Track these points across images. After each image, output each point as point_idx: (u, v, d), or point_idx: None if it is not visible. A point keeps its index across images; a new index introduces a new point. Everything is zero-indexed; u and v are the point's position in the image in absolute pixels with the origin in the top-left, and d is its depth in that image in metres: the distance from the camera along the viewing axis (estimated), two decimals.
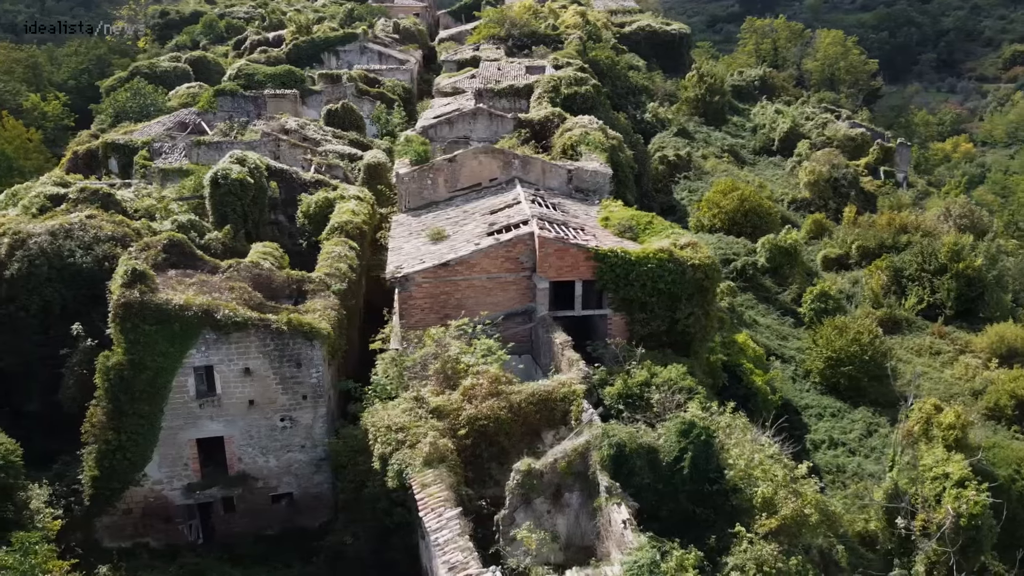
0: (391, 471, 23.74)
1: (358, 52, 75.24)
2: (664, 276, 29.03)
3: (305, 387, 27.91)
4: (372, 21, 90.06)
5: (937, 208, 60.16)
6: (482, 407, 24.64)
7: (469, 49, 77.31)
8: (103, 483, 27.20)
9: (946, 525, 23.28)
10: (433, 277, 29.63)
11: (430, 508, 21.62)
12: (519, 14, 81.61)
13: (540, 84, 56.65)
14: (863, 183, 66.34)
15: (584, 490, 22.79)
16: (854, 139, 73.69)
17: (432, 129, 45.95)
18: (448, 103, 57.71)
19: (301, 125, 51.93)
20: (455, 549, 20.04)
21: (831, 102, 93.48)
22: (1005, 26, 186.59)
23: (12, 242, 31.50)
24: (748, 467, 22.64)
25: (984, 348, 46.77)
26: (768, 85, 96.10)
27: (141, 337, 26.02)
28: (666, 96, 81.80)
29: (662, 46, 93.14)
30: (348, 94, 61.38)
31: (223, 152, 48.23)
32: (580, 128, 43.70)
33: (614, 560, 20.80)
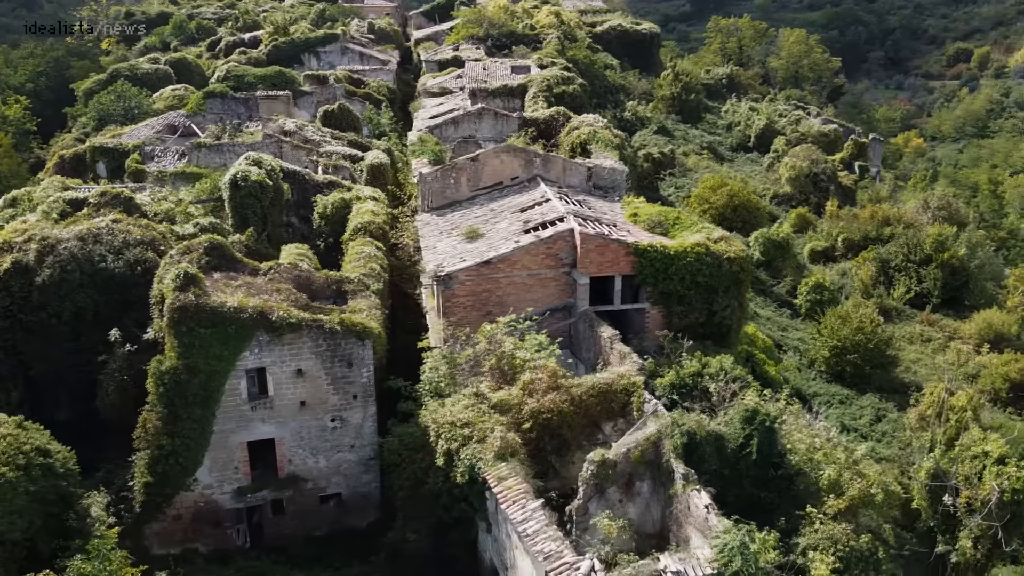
0: (461, 466, 24.06)
1: (339, 53, 74.85)
2: (702, 269, 29.89)
3: (356, 387, 28.02)
4: (346, 22, 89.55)
5: (915, 200, 62.33)
6: (544, 401, 25.12)
7: (449, 49, 77.55)
8: (156, 489, 26.97)
9: (992, 500, 24.54)
10: (475, 275, 30.02)
11: (511, 500, 22.03)
12: (495, 14, 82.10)
13: (534, 84, 57.30)
14: (840, 177, 68.33)
15: (655, 478, 23.43)
16: (827, 135, 75.81)
17: (438, 129, 46.20)
18: (441, 103, 58.04)
19: (300, 126, 51.66)
20: (547, 539, 20.49)
21: (797, 99, 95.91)
22: (947, 24, 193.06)
23: (41, 248, 30.99)
24: (809, 451, 23.53)
25: (973, 334, 48.75)
26: (735, 83, 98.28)
27: (196, 340, 25.86)
28: (643, 95, 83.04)
29: (633, 45, 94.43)
30: (338, 95, 61.13)
31: (224, 155, 48.02)
32: (587, 126, 44.41)
33: (694, 544, 21.50)
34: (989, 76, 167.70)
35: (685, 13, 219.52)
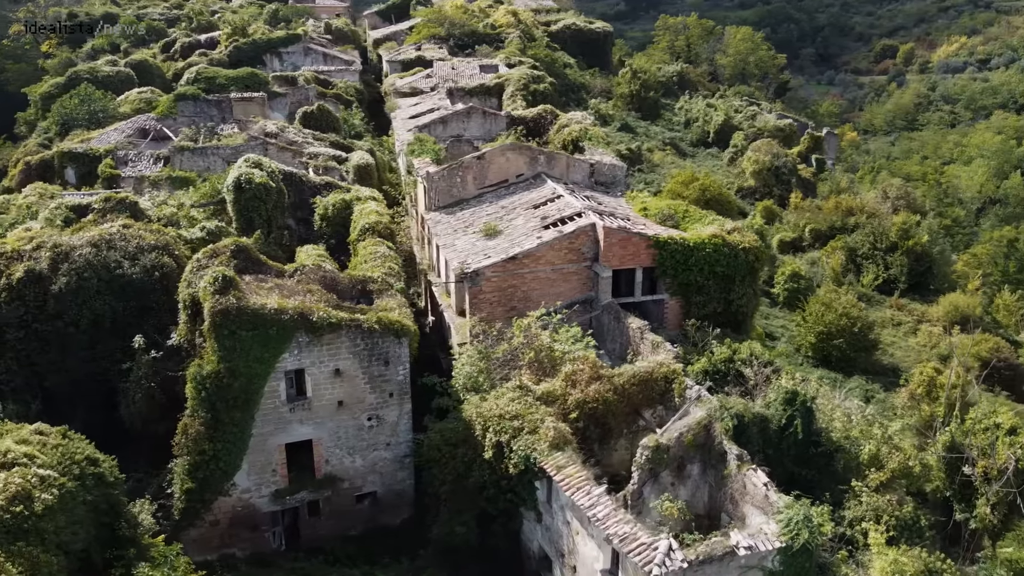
0: (515, 457, 24.54)
1: (302, 53, 74.08)
2: (720, 260, 31.00)
3: (392, 385, 28.22)
4: (300, 22, 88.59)
5: (875, 191, 65.03)
6: (588, 391, 25.81)
7: (412, 49, 77.48)
8: (196, 495, 26.74)
9: (1010, 469, 26.18)
10: (501, 271, 30.52)
11: (575, 487, 22.63)
12: (455, 14, 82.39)
13: (511, 83, 57.92)
14: (800, 170, 70.75)
15: (705, 461, 24.35)
16: (783, 129, 78.29)
17: (427, 128, 46.37)
18: (417, 103, 58.10)
19: (281, 128, 51.17)
20: (619, 521, 21.16)
21: (747, 95, 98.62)
22: (873, 22, 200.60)
23: (54, 256, 30.28)
24: (846, 428, 24.77)
25: (940, 317, 51.28)
26: (686, 80, 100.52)
27: (237, 344, 25.72)
28: (602, 92, 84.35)
29: (587, 44, 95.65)
30: (310, 96, 60.61)
31: (207, 158, 47.36)
32: (577, 124, 45.22)
33: (753, 521, 22.46)
34: (915, 71, 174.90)
35: (620, 12, 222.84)
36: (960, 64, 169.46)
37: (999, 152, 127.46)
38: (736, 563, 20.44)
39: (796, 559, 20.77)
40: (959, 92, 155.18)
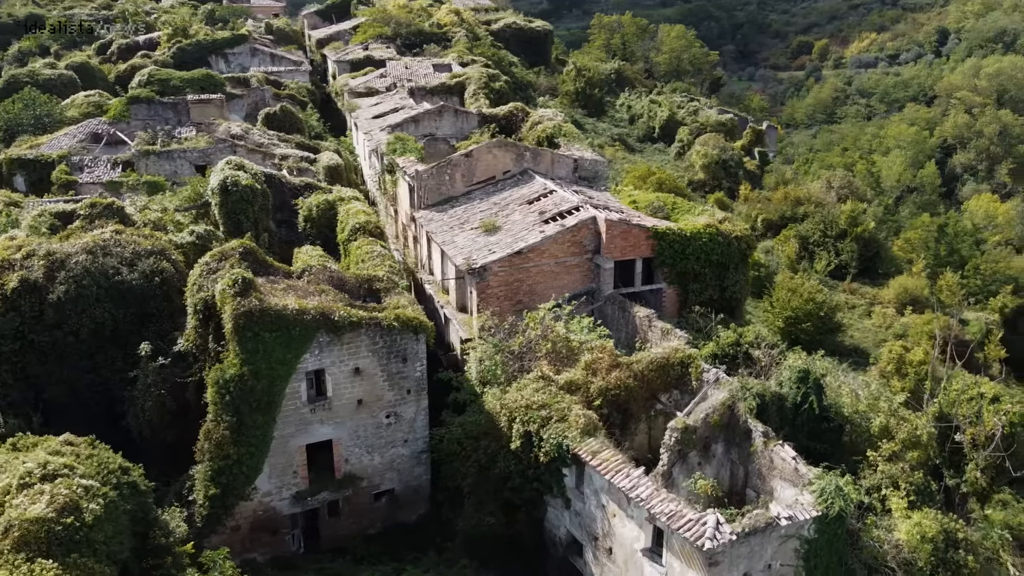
0: (546, 445, 25.10)
1: (248, 54, 72.74)
2: (715, 248, 32.23)
3: (410, 381, 28.43)
4: (238, 22, 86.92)
5: (819, 181, 67.88)
6: (609, 378, 26.59)
7: (359, 49, 76.97)
8: (219, 500, 26.44)
9: (997, 434, 28.10)
10: (508, 265, 31.03)
11: (614, 470, 23.36)
12: (399, 13, 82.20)
13: (472, 81, 58.29)
14: (745, 163, 73.25)
15: (728, 440, 25.42)
16: (724, 124, 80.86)
17: (399, 127, 46.40)
18: (378, 103, 57.94)
19: (245, 130, 50.38)
20: (664, 500, 21.98)
21: (683, 91, 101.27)
22: (789, 19, 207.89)
23: (49, 264, 29.37)
24: (854, 403, 26.22)
25: (892, 299, 54.16)
26: (623, 78, 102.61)
27: (260, 346, 25.55)
28: (548, 90, 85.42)
29: (528, 42, 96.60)
30: (267, 97, 59.72)
31: (175, 161, 46.45)
32: (549, 120, 45.99)
33: (782, 494, 23.63)
34: (830, 67, 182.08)
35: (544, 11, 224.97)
36: (872, 59, 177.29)
37: (914, 143, 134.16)
38: (777, 533, 21.52)
39: (830, 526, 22.00)
40: (873, 86, 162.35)
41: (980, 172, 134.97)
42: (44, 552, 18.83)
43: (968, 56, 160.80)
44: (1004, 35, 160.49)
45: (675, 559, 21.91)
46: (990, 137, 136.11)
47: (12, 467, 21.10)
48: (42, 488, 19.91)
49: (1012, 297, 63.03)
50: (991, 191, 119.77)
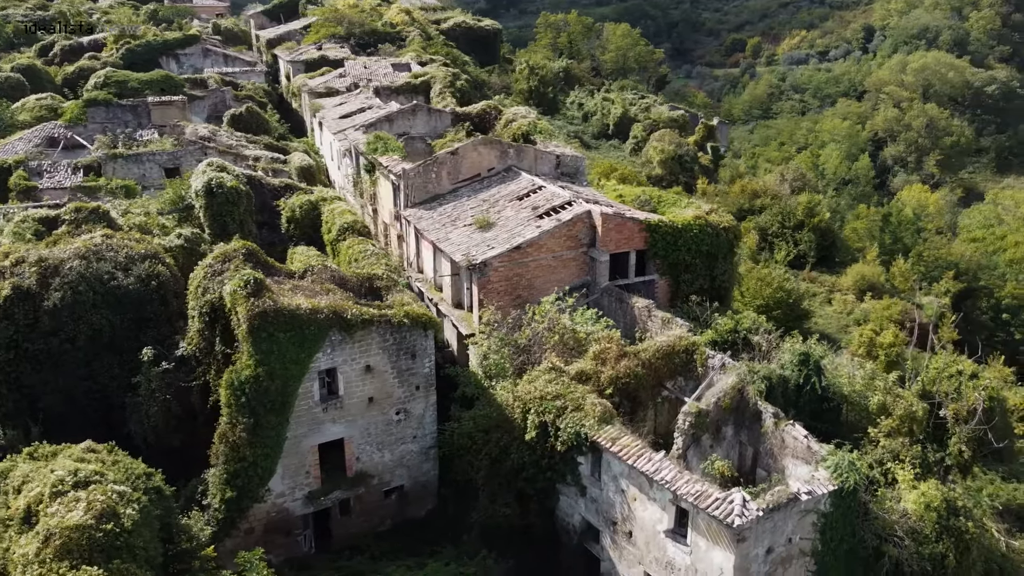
0: (564, 434, 25.63)
1: (200, 55, 71.37)
2: (705, 239, 33.23)
3: (418, 377, 28.62)
4: (184, 22, 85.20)
5: (773, 174, 70.00)
6: (618, 367, 27.28)
7: (312, 49, 76.27)
8: (234, 503, 26.25)
9: (979, 408, 29.71)
10: (508, 261, 31.46)
11: (635, 455, 24.03)
12: (351, 12, 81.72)
13: (438, 80, 58.47)
14: (700, 158, 75.04)
15: (737, 422, 26.36)
16: (676, 120, 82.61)
17: (373, 127, 46.31)
18: (343, 102, 57.66)
19: (212, 132, 49.61)
20: (689, 481, 22.73)
21: (631, 89, 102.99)
22: (721, 17, 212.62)
23: (41, 270, 28.67)
24: (851, 383, 27.47)
25: (850, 286, 56.34)
26: (571, 76, 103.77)
27: (274, 346, 25.46)
28: (502, 88, 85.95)
29: (478, 41, 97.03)
30: (228, 99, 58.81)
31: (143, 164, 45.65)
32: (523, 118, 46.54)
33: (794, 472, 24.66)
34: (763, 64, 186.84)
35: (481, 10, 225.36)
36: (803, 56, 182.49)
37: (848, 136, 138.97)
38: (797, 508, 22.48)
39: (845, 500, 23.08)
40: (806, 82, 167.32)
41: (910, 164, 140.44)
42: (86, 559, 18.62)
43: (894, 52, 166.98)
44: (927, 32, 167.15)
45: (701, 538, 22.68)
46: (918, 130, 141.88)
47: (40, 475, 20.74)
48: (77, 495, 19.63)
49: (954, 282, 66.27)
50: (921, 181, 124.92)
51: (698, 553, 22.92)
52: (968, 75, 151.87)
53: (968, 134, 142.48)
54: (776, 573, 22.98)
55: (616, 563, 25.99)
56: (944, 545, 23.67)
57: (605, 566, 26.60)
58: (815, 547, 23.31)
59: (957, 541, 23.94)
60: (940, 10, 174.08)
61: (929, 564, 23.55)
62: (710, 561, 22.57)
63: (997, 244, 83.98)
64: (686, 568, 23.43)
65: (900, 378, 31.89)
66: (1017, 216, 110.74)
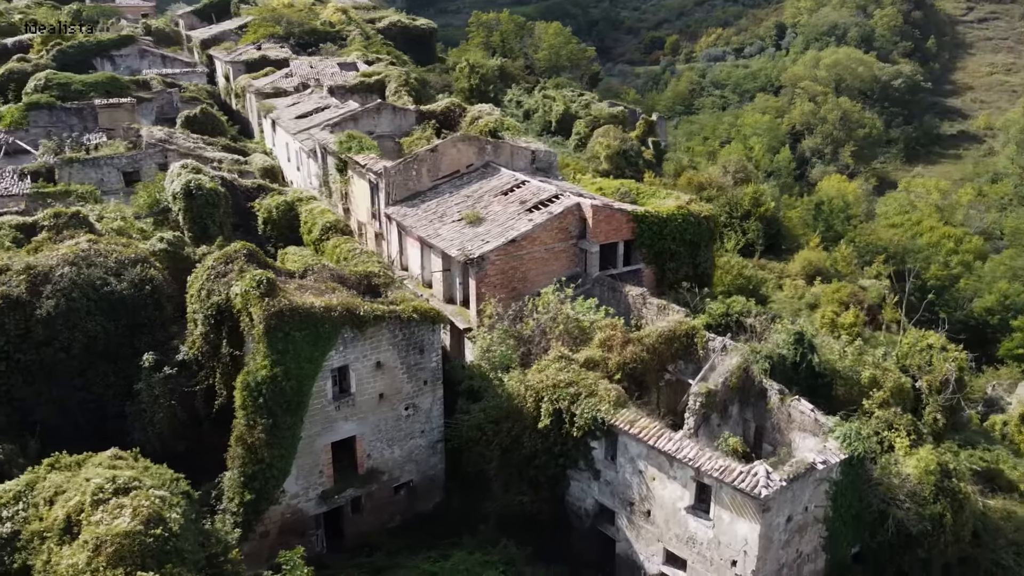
0: (580, 419, 26.27)
1: (137, 56, 69.21)
2: (688, 228, 34.42)
3: (426, 372, 28.84)
4: (109, 23, 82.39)
5: (715, 166, 72.26)
6: (625, 353, 28.12)
7: (252, 49, 74.89)
8: (252, 506, 26.00)
9: (952, 378, 31.74)
10: (504, 254, 31.92)
11: (655, 436, 24.88)
12: (290, 12, 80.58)
13: (392, 79, 58.39)
14: (643, 152, 76.82)
15: (742, 400, 27.52)
16: (616, 116, 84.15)
17: (338, 126, 46.02)
18: (296, 102, 56.99)
19: (169, 134, 48.40)
20: (711, 457, 23.70)
21: (566, 86, 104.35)
22: (640, 16, 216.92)
23: (31, 278, 27.73)
24: (841, 359, 29.00)
25: (798, 272, 58.78)
26: (506, 74, 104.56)
27: (289, 346, 25.32)
28: (443, 87, 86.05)
29: (414, 40, 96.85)
30: (175, 100, 57.33)
31: (101, 169, 44.43)
32: (488, 115, 47.01)
33: (801, 444, 25.95)
34: (682, 61, 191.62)
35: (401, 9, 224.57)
36: (720, 53, 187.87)
37: (769, 130, 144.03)
38: (814, 477, 23.72)
39: (853, 468, 24.47)
40: (725, 78, 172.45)
41: (826, 155, 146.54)
42: (139, 565, 18.37)
43: (806, 49, 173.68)
44: (836, 29, 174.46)
45: (724, 511, 23.69)
46: (833, 123, 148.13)
47: (75, 485, 20.24)
48: (120, 502, 19.30)
49: (884, 265, 69.97)
50: (837, 172, 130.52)
51: (721, 526, 23.92)
52: (876, 70, 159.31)
53: (879, 126, 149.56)
54: (793, 541, 24.19)
55: (633, 542, 26.82)
56: (941, 505, 25.30)
57: (621, 547, 27.40)
58: (827, 514, 24.62)
59: (952, 501, 25.62)
60: (846, 8, 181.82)
61: (929, 524, 25.13)
62: (734, 533, 23.59)
63: (914, 229, 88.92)
64: (708, 541, 24.41)
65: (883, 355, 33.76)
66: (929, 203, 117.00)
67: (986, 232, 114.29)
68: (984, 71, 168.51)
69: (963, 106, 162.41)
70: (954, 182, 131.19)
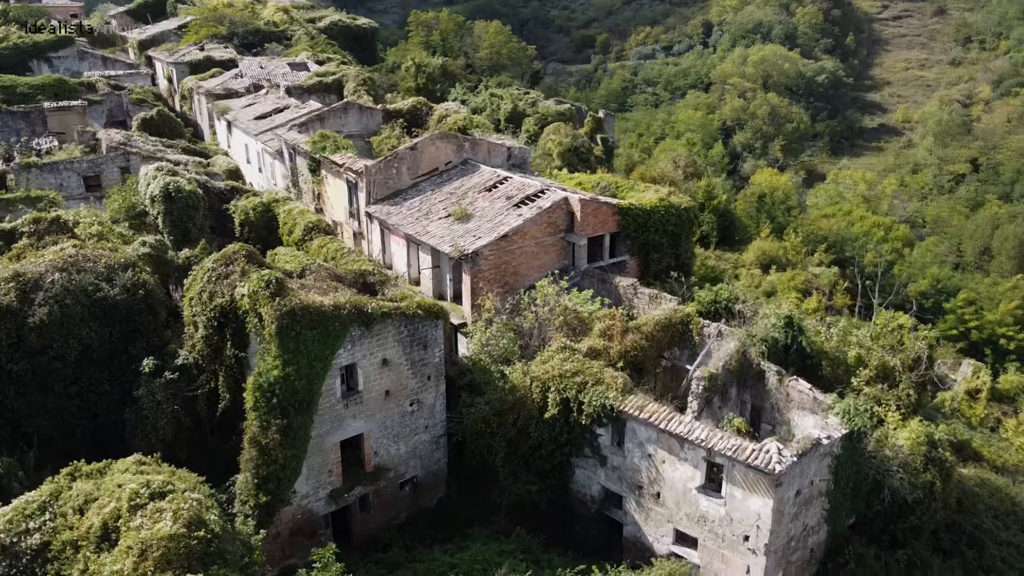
0: (589, 407, 26.86)
1: (76, 58, 66.98)
2: (670, 219, 35.39)
3: (430, 368, 29.04)
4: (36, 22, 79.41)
5: (665, 160, 73.91)
6: (625, 342, 28.86)
7: (195, 50, 73.29)
8: (265, 508, 25.80)
9: (924, 355, 33.46)
10: (497, 250, 32.30)
11: (666, 419, 25.65)
12: (231, 11, 79.11)
13: (350, 78, 58.07)
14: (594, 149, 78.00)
15: (740, 383, 28.54)
16: (564, 114, 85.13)
17: (305, 126, 45.63)
18: (251, 103, 56.20)
19: (127, 137, 47.15)
20: (723, 437, 24.59)
21: (508, 85, 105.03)
22: (569, 15, 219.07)
23: (21, 285, 26.88)
24: (826, 340, 30.35)
25: (753, 261, 60.70)
26: (448, 73, 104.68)
27: (301, 345, 25.22)
28: (390, 87, 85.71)
29: (356, 39, 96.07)
30: (125, 103, 55.77)
31: (60, 174, 43.13)
32: (455, 113, 47.27)
33: (800, 422, 27.11)
34: (613, 59, 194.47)
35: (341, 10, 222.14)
36: (650, 51, 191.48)
37: (702, 126, 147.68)
38: (820, 452, 24.84)
39: (852, 441, 25.69)
40: (657, 76, 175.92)
41: (757, 149, 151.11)
42: (185, 568, 18.24)
43: (733, 46, 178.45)
44: (761, 27, 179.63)
45: (736, 488, 24.61)
46: (762, 118, 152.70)
47: (107, 491, 19.84)
48: (158, 506, 19.07)
49: (826, 254, 72.89)
50: (768, 165, 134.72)
51: (733, 503, 24.83)
52: (801, 66, 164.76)
53: (806, 120, 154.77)
54: (801, 514, 25.29)
55: (642, 525, 27.56)
56: (931, 474, 26.78)
57: (629, 530, 28.12)
58: (829, 487, 25.80)
59: (940, 470, 27.15)
60: (770, 6, 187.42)
61: (921, 492, 26.58)
62: (747, 509, 24.53)
63: (846, 219, 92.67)
64: (720, 519, 25.31)
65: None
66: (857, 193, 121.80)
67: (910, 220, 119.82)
68: (900, 66, 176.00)
69: (882, 100, 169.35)
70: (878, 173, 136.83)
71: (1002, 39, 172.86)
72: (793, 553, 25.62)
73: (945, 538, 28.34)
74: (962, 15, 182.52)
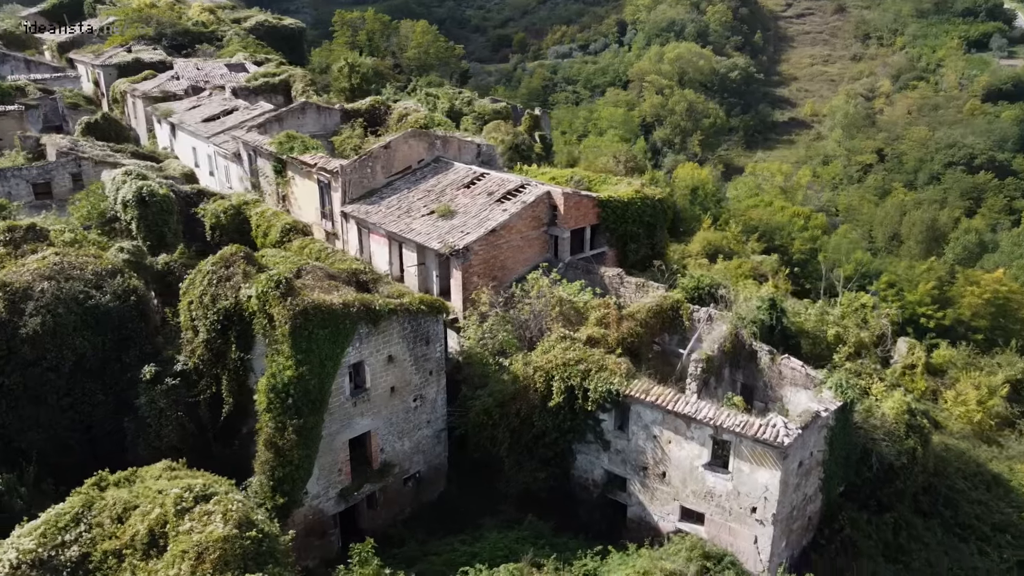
0: (595, 393, 27.58)
1: None
2: (647, 211, 36.50)
3: (431, 363, 29.26)
4: None
5: (606, 156, 75.45)
6: (622, 329, 29.74)
7: (121, 51, 70.82)
8: (281, 510, 25.57)
9: (888, 332, 35.56)
10: (486, 244, 32.73)
11: (672, 401, 26.60)
12: (157, 12, 76.81)
13: (297, 78, 57.34)
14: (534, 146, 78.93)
15: (732, 363, 29.78)
16: (500, 112, 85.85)
17: (263, 127, 44.96)
18: (196, 105, 54.92)
19: (73, 142, 45.42)
20: (730, 415, 25.68)
21: (437, 84, 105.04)
22: (485, 15, 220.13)
23: (9, 296, 25.86)
24: (805, 320, 31.96)
25: (699, 251, 62.64)
26: (377, 73, 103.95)
27: (313, 344, 25.11)
28: (323, 87, 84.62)
29: (284, 39, 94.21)
30: (60, 107, 53.60)
31: (11, 182, 41.32)
32: (415, 111, 47.38)
33: (792, 398, 28.50)
34: (531, 58, 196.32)
35: None
36: (567, 50, 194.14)
37: (624, 122, 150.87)
38: (819, 424, 26.23)
39: (844, 414, 27.22)
40: (576, 74, 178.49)
41: (676, 144, 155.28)
42: (243, 568, 18.17)
43: (648, 44, 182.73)
44: (674, 25, 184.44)
45: (743, 463, 25.74)
46: (680, 114, 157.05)
47: (147, 497, 19.47)
48: (205, 508, 18.89)
49: (758, 243, 75.94)
50: (687, 160, 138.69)
51: (740, 477, 25.97)
52: (714, 63, 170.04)
53: (722, 115, 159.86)
54: (802, 484, 26.65)
55: (647, 505, 28.47)
56: (913, 440, 28.59)
57: (633, 510, 28.99)
58: (825, 456, 27.26)
59: (920, 436, 29.01)
60: (681, 5, 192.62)
61: (905, 457, 28.35)
62: (754, 482, 25.70)
63: (767, 210, 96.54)
64: (727, 493, 26.42)
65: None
66: (774, 185, 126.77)
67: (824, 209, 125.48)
68: (806, 62, 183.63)
69: (790, 95, 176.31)
70: (792, 165, 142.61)
71: (898, 35, 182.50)
72: (795, 522, 26.98)
73: (924, 500, 30.26)
74: (860, 13, 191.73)
